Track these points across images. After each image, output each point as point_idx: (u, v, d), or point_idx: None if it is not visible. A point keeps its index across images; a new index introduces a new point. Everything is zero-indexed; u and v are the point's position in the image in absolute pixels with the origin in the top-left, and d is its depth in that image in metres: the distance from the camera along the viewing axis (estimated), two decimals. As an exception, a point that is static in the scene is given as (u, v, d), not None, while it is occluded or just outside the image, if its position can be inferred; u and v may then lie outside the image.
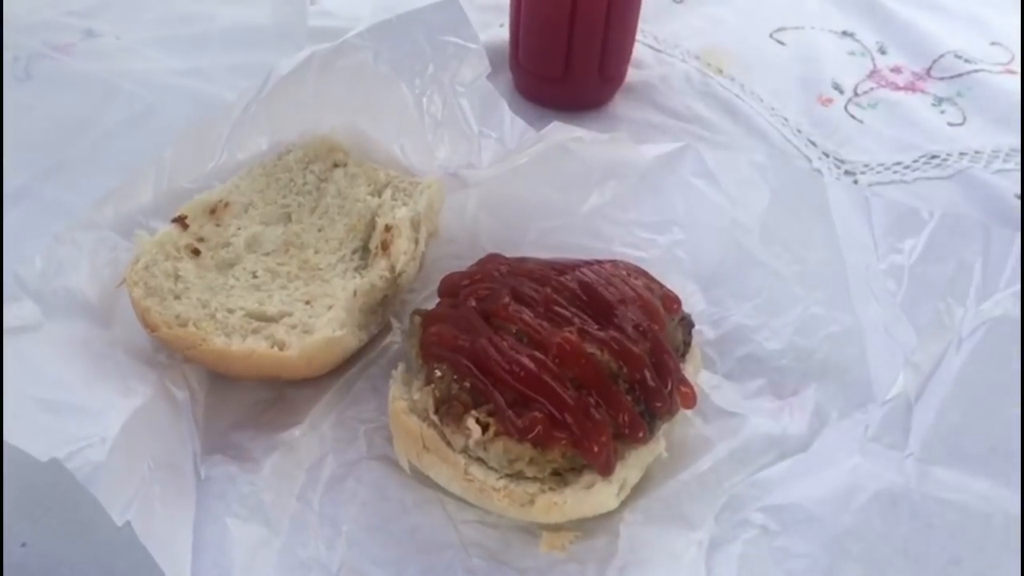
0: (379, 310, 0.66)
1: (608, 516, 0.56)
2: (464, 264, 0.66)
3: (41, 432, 0.51)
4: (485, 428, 0.53)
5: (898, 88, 0.97)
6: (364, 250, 0.68)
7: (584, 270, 0.61)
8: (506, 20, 0.95)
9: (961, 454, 0.59)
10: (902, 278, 0.66)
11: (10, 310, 0.58)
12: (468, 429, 0.53)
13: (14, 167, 0.79)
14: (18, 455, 0.50)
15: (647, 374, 0.56)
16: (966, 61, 0.99)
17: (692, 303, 0.68)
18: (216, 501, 0.56)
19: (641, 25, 0.92)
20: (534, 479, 0.54)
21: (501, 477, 0.54)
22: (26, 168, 0.80)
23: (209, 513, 0.56)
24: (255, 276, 0.65)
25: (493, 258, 0.64)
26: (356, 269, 0.66)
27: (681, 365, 0.60)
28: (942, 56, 1.00)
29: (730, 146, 0.89)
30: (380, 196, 0.70)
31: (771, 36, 1.05)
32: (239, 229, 0.67)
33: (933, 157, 0.87)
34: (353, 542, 0.55)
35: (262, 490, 0.57)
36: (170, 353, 0.62)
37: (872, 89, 0.97)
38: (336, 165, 0.73)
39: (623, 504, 0.56)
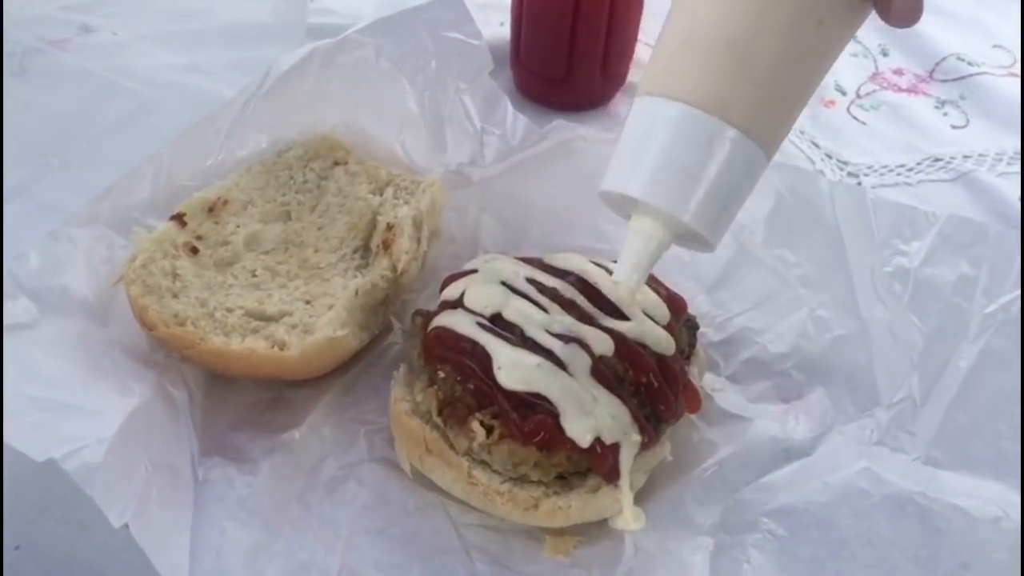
0: (380, 310, 0.65)
1: (613, 520, 0.55)
2: (466, 264, 0.65)
3: (37, 431, 0.50)
4: (489, 431, 0.52)
5: (900, 90, 0.97)
6: (365, 249, 0.67)
7: (589, 271, 0.60)
8: (506, 18, 0.94)
9: (969, 458, 0.59)
10: (907, 281, 0.66)
11: (5, 307, 0.57)
12: (472, 431, 0.52)
13: (9, 164, 0.78)
14: (11, 455, 0.49)
15: (653, 377, 0.55)
16: (968, 64, 0.99)
17: (696, 305, 0.68)
18: (214, 503, 0.56)
19: (643, 24, 0.91)
20: (538, 483, 0.53)
21: (505, 481, 0.53)
22: (21, 165, 0.78)
23: (207, 516, 0.55)
24: (254, 275, 0.64)
25: (496, 259, 0.64)
26: (357, 268, 0.65)
27: (686, 368, 0.59)
28: (944, 59, 1.00)
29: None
30: (381, 194, 0.69)
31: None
32: (238, 227, 0.66)
33: (937, 160, 0.87)
34: (353, 545, 0.54)
35: (261, 492, 0.57)
36: (168, 352, 0.61)
37: (874, 91, 0.97)
38: (337, 163, 0.72)
39: (628, 508, 0.55)
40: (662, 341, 0.57)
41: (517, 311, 0.56)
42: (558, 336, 0.55)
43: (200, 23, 0.97)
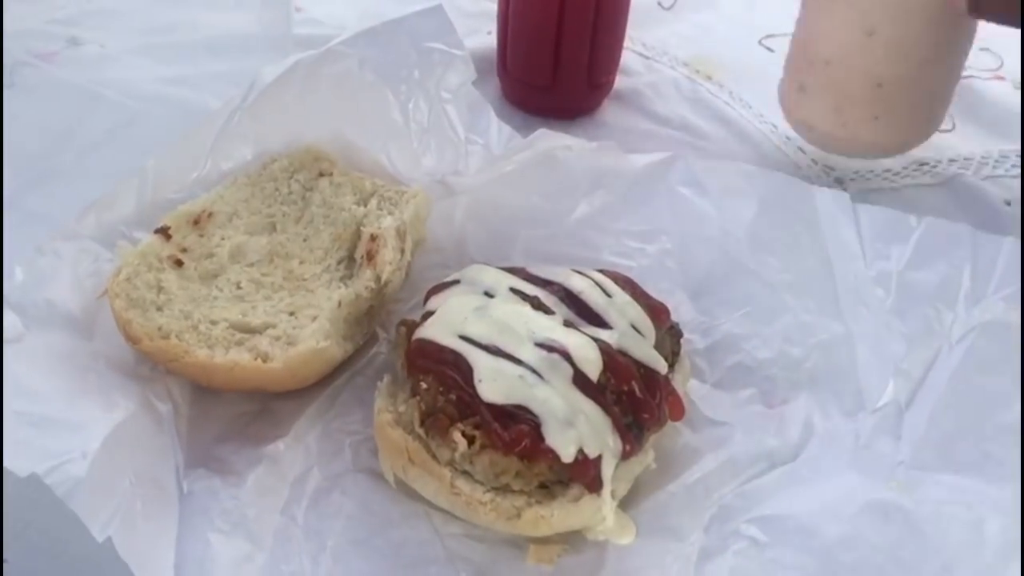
0: (365, 320, 0.65)
1: (596, 528, 0.55)
2: (451, 274, 0.65)
3: (21, 446, 0.51)
4: (471, 441, 0.53)
5: (887, 94, 0.97)
6: (350, 260, 0.67)
7: (572, 280, 0.60)
8: (493, 27, 0.94)
9: (953, 461, 0.59)
10: (891, 285, 0.66)
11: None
12: (454, 442, 0.53)
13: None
14: (-2, 468, 0.49)
15: (635, 385, 0.55)
16: (955, 67, 0.99)
17: (681, 312, 0.68)
18: (198, 516, 0.56)
19: (629, 32, 0.91)
20: (521, 492, 0.53)
21: (487, 490, 0.53)
22: (8, 178, 0.79)
23: (191, 528, 0.55)
24: (239, 287, 0.64)
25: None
26: (341, 279, 0.65)
27: (670, 375, 0.60)
28: (931, 62, 1.00)
29: (719, 153, 0.88)
30: (366, 205, 0.69)
31: (760, 43, 1.04)
32: (223, 239, 0.67)
33: (923, 164, 0.87)
34: (338, 556, 0.55)
35: (245, 504, 0.57)
36: (153, 366, 0.61)
37: (861, 95, 0.96)
38: (322, 174, 0.72)
39: (611, 516, 0.55)
40: (653, 361, 0.58)
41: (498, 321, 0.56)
42: (540, 345, 0.55)
43: (185, 35, 0.98)
